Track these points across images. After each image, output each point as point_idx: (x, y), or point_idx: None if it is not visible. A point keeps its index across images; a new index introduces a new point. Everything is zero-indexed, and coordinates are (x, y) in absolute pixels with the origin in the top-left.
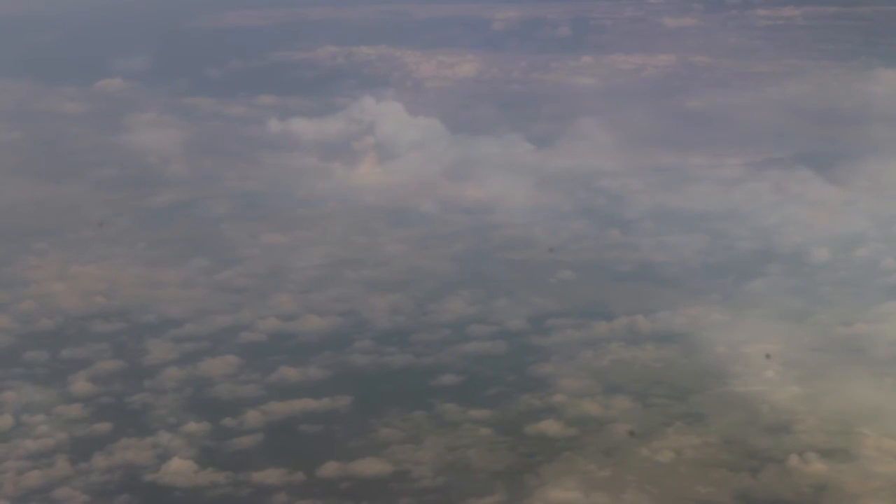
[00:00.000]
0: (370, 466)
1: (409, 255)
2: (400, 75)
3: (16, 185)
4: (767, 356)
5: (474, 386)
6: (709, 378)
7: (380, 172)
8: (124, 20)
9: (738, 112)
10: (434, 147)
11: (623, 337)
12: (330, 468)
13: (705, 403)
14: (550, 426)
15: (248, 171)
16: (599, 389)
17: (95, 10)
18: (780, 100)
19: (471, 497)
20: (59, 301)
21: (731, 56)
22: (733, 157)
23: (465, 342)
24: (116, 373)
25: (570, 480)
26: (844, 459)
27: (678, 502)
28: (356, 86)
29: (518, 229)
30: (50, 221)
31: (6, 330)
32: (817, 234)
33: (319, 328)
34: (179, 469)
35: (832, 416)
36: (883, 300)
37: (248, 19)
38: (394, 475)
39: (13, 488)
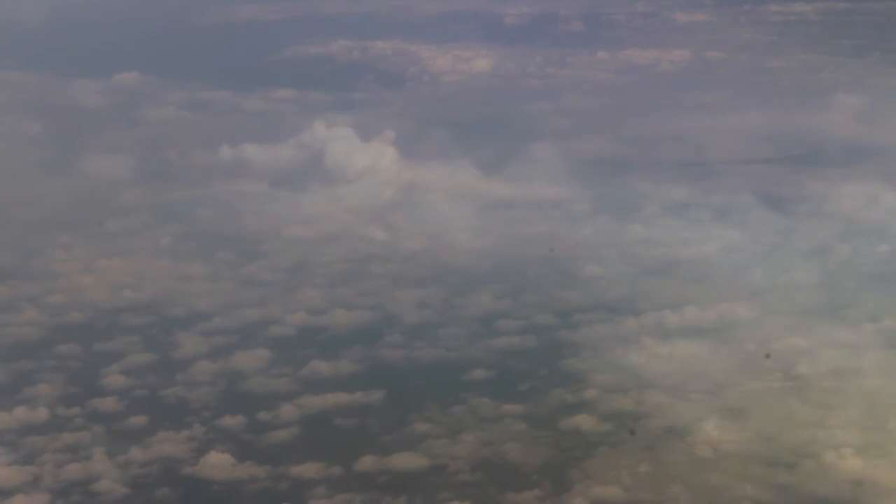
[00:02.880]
0: (407, 461)
1: (431, 251)
2: (416, 70)
3: (38, 179)
4: (768, 356)
5: (506, 380)
6: (741, 373)
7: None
8: (136, 15)
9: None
10: None
11: (652, 332)
12: (367, 462)
13: (739, 399)
14: (585, 421)
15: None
16: (632, 384)
17: (108, 5)
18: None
19: (510, 492)
20: (88, 294)
21: (745, 51)
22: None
23: (495, 337)
24: (148, 366)
25: (609, 475)
26: (879, 455)
27: (721, 498)
28: (373, 80)
29: None
30: (74, 215)
31: (37, 323)
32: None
33: (348, 322)
34: (217, 462)
35: (866, 412)
36: None
37: (261, 13)
38: (431, 469)
39: (53, 481)
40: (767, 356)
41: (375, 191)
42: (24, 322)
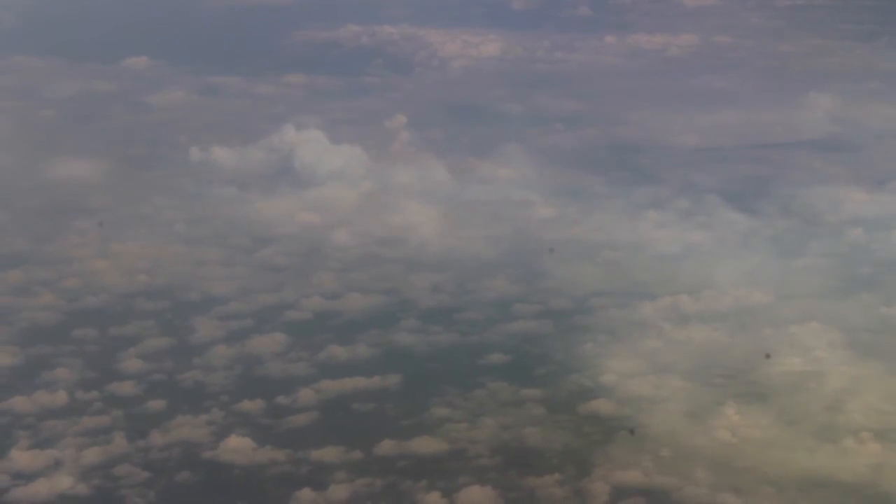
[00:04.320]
0: (426, 445)
1: (443, 236)
2: (425, 55)
3: (52, 163)
4: (767, 356)
5: (523, 365)
6: (758, 358)
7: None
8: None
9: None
10: None
11: (668, 317)
12: (386, 446)
13: (757, 383)
14: (603, 405)
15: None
16: (649, 369)
17: None
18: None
19: (530, 476)
20: (103, 279)
21: (753, 36)
22: None
23: (511, 321)
24: (165, 350)
25: (630, 460)
26: None
27: (741, 482)
28: (382, 65)
29: None
30: (87, 200)
31: (53, 307)
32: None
33: (364, 307)
34: (237, 447)
35: (884, 396)
36: None
37: None
38: (450, 453)
39: (74, 465)
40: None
41: (381, 177)
42: (41, 306)
